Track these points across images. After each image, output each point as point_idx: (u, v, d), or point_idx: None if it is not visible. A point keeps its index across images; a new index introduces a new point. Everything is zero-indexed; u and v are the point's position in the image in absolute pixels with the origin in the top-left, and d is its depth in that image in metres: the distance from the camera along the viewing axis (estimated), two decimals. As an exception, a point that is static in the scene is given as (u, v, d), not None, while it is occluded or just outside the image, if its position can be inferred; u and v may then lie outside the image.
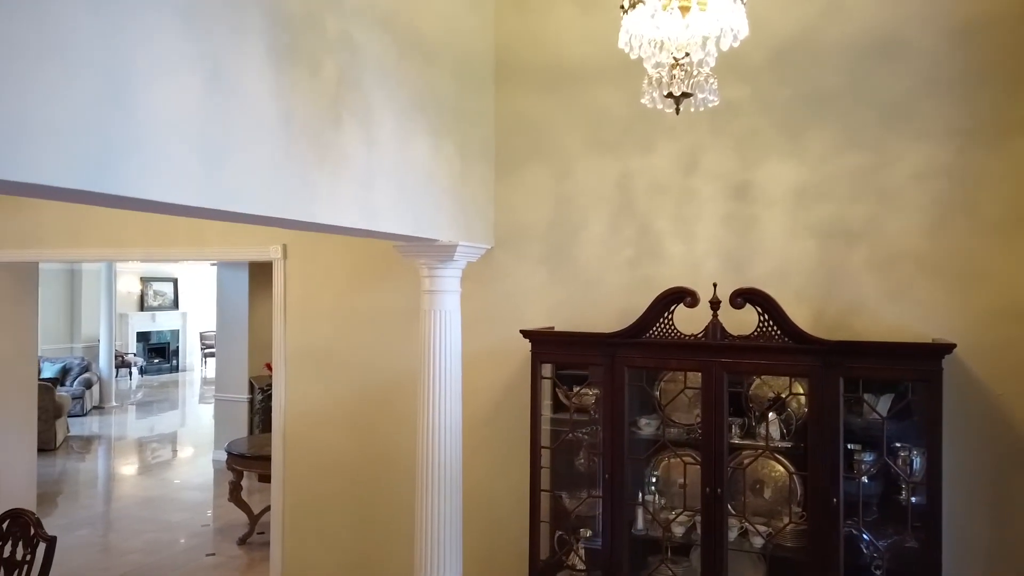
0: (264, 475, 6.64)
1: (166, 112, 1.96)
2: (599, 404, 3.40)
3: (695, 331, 3.14)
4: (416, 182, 3.11)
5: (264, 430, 8.51)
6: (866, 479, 2.98)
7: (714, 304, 3.10)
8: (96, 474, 9.12)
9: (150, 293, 17.89)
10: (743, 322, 3.10)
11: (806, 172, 3.30)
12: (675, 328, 3.18)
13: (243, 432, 8.72)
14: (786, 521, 3.10)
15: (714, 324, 3.10)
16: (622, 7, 2.15)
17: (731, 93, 3.39)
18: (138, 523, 6.87)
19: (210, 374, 17.69)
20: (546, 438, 3.48)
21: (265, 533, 6.22)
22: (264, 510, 6.27)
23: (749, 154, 3.39)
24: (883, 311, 3.18)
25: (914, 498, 2.92)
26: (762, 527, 3.10)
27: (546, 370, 3.46)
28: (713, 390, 3.07)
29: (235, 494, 6.33)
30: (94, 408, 12.67)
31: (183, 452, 10.24)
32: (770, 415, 3.11)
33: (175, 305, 18.54)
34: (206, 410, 13.28)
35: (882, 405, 2.94)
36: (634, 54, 2.27)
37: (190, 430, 11.90)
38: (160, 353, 18.37)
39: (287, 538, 4.40)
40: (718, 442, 3.07)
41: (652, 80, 2.35)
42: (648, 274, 3.56)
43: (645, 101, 2.38)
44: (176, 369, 18.58)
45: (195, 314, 18.78)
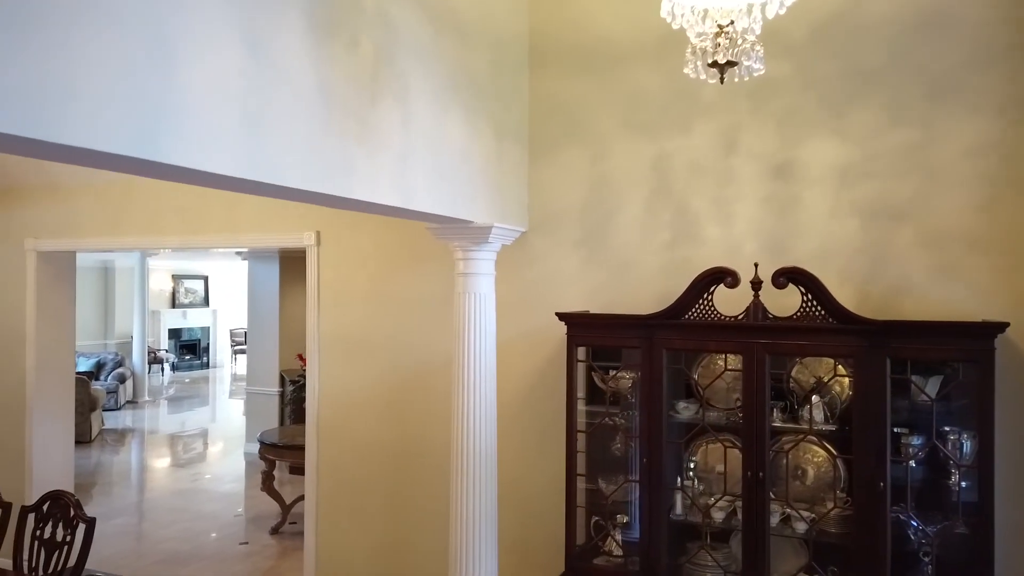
0: (295, 466, 6.69)
1: (208, 82, 1.96)
2: (636, 388, 3.36)
3: (735, 313, 3.08)
4: (452, 163, 3.08)
5: (295, 422, 8.56)
6: (913, 463, 2.89)
7: (755, 284, 3.04)
8: (130, 466, 9.24)
9: (181, 290, 18.12)
10: (784, 305, 3.04)
11: (850, 150, 3.22)
12: (715, 309, 3.12)
13: (274, 425, 8.78)
14: (830, 506, 3.02)
15: (755, 305, 3.04)
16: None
17: (771, 70, 3.29)
18: (172, 513, 6.95)
19: (240, 371, 17.90)
20: (581, 423, 3.44)
21: (297, 523, 6.25)
22: (296, 500, 6.30)
23: (790, 132, 3.31)
24: (931, 291, 3.09)
25: (964, 483, 2.84)
26: (805, 512, 3.03)
27: (581, 355, 3.42)
28: (754, 372, 3.00)
29: (268, 483, 6.37)
30: (127, 402, 12.85)
31: (215, 446, 10.34)
32: (813, 398, 3.03)
33: (206, 302, 18.77)
34: (236, 405, 13.42)
35: (931, 387, 2.85)
36: (676, 24, 2.22)
37: (221, 425, 12.03)
38: (191, 350, 18.61)
39: (321, 523, 4.41)
40: (760, 425, 3.01)
41: (696, 49, 2.30)
42: (685, 257, 3.50)
43: (688, 71, 2.33)
44: (207, 366, 18.81)
45: (225, 311, 19.01)
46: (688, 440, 3.28)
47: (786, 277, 2.97)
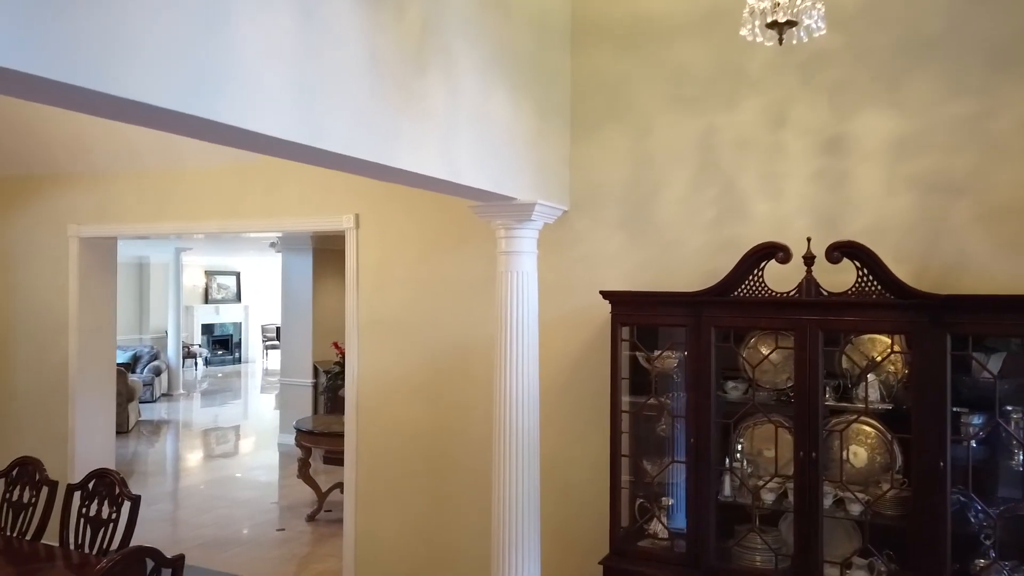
0: (330, 453, 6.71)
1: (261, 44, 1.95)
2: (681, 368, 3.29)
3: (785, 290, 3.00)
4: (496, 137, 3.05)
5: (330, 412, 8.59)
6: (974, 443, 2.80)
7: (808, 259, 2.96)
8: (166, 456, 9.35)
9: (214, 286, 18.34)
10: (836, 282, 2.95)
11: (905, 122, 3.12)
12: (765, 286, 3.04)
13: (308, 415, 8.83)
14: (885, 488, 2.93)
15: (808, 280, 2.96)
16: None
17: (822, 43, 3.23)
18: (208, 500, 7.01)
19: (271, 366, 18.08)
20: (624, 403, 3.38)
21: (333, 511, 6.27)
22: (332, 487, 6.32)
23: (842, 106, 3.22)
24: (992, 267, 2.98)
25: (1028, 464, 2.73)
26: (860, 494, 2.94)
27: (624, 335, 3.35)
28: (807, 350, 2.92)
29: (304, 470, 6.40)
30: (162, 395, 13.02)
31: (248, 438, 10.43)
32: (869, 376, 2.94)
33: (238, 298, 18.97)
34: (268, 400, 13.57)
35: (993, 364, 2.75)
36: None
37: (253, 418, 12.15)
38: (223, 345, 18.83)
39: (360, 506, 4.40)
40: (813, 404, 2.92)
41: (753, 10, 2.24)
42: (732, 235, 3.42)
43: (744, 33, 2.27)
44: (238, 361, 19.02)
45: (256, 307, 19.20)
46: (737, 420, 3.20)
47: (841, 251, 2.88)
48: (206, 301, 18.18)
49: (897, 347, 2.98)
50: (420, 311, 4.23)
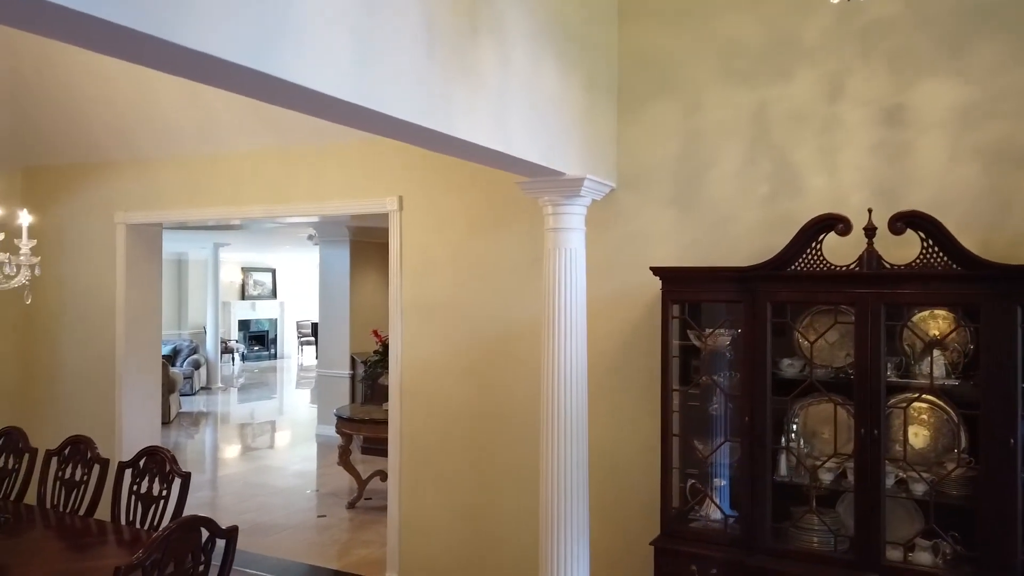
0: (368, 443, 6.72)
1: (321, 3, 1.93)
2: (734, 345, 3.22)
3: (844, 264, 2.92)
4: (546, 110, 3.00)
5: (368, 401, 8.62)
6: (1047, 420, 2.68)
7: (869, 231, 2.87)
8: (206, 445, 9.47)
9: (250, 282, 18.56)
10: (897, 255, 2.86)
11: (970, 90, 3.01)
12: (824, 259, 2.96)
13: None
14: (951, 467, 2.83)
15: (869, 252, 2.87)
16: None
17: (882, 10, 3.14)
18: (249, 488, 7.07)
19: (306, 362, 18.25)
20: (675, 382, 3.31)
21: (372, 499, 6.28)
22: (372, 475, 6.33)
23: (903, 74, 3.12)
24: (1064, 237, 2.87)
25: (1104, 442, 2.61)
26: (924, 473, 2.84)
27: (675, 312, 3.29)
28: (869, 324, 2.83)
29: (344, 457, 6.42)
30: (201, 388, 13.20)
31: (286, 430, 10.52)
32: (934, 351, 2.84)
33: (273, 294, 19.18)
34: (303, 394, 13.68)
35: (1067, 337, 2.64)
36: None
37: (290, 409, 12.27)
38: (259, 341, 19.04)
39: (403, 489, 4.38)
40: (874, 381, 2.83)
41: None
42: (786, 210, 3.34)
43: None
44: (274, 356, 19.22)
45: (292, 304, 19.39)
46: (793, 398, 3.12)
47: (904, 222, 2.79)
48: (243, 297, 18.40)
49: (962, 321, 2.87)
50: (464, 293, 4.20)
